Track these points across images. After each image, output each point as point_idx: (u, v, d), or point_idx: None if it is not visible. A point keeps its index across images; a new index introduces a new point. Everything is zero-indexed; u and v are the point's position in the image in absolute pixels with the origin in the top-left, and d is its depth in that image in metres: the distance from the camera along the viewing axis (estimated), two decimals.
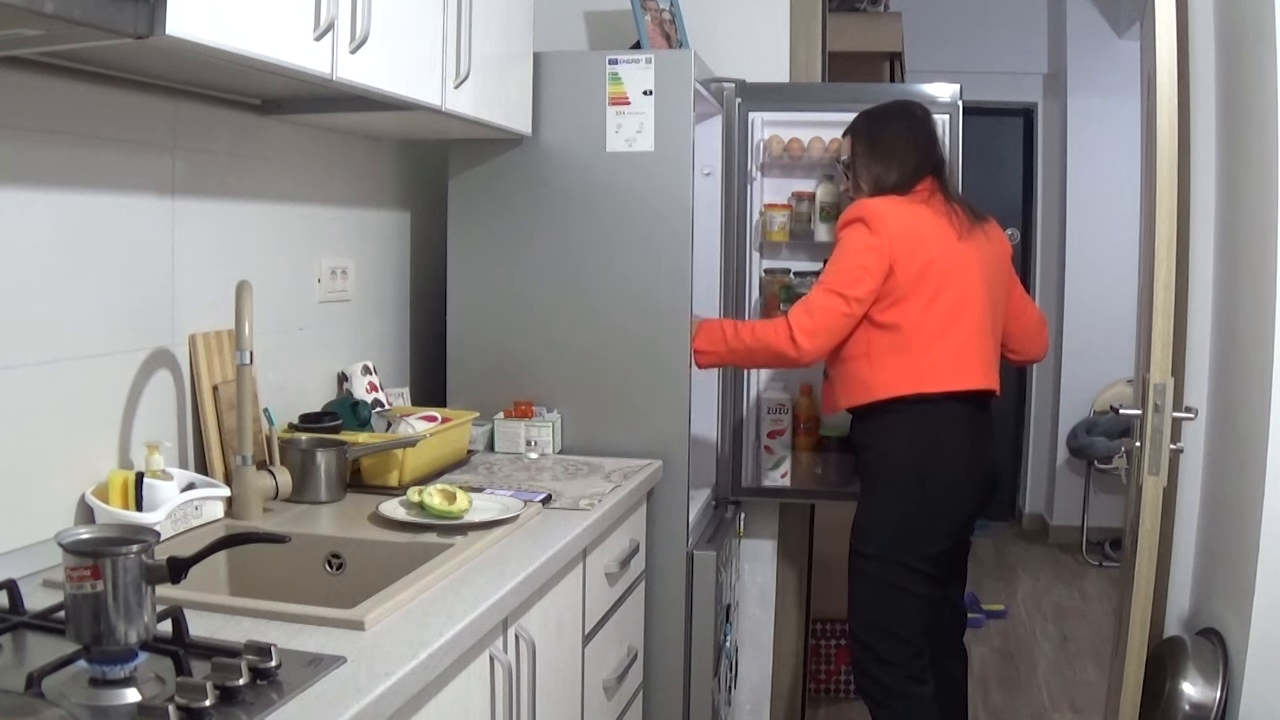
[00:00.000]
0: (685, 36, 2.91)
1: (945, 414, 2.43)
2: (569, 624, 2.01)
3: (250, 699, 1.18)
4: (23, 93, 1.58)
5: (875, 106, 2.63)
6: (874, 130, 2.59)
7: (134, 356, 1.84)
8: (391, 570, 1.66)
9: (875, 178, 2.55)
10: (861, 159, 2.58)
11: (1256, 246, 2.34)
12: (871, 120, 2.60)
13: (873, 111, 2.62)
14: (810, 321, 2.41)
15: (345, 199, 2.52)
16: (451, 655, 1.44)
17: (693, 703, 2.61)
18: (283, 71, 1.62)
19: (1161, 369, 2.23)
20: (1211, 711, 2.36)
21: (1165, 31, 2.16)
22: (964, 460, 2.46)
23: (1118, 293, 5.08)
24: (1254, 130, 2.36)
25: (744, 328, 2.50)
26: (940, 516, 2.46)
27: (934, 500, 2.45)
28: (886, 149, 2.56)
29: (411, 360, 2.84)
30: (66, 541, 1.24)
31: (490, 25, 2.28)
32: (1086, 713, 3.56)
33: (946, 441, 2.44)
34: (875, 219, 2.44)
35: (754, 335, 2.47)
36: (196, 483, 1.87)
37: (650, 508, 2.55)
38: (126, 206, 1.81)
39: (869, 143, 2.59)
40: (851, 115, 2.64)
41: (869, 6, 4.22)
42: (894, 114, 2.61)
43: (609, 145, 2.55)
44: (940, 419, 2.43)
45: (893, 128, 2.58)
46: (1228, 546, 2.48)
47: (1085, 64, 5.49)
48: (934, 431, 2.44)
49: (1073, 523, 5.52)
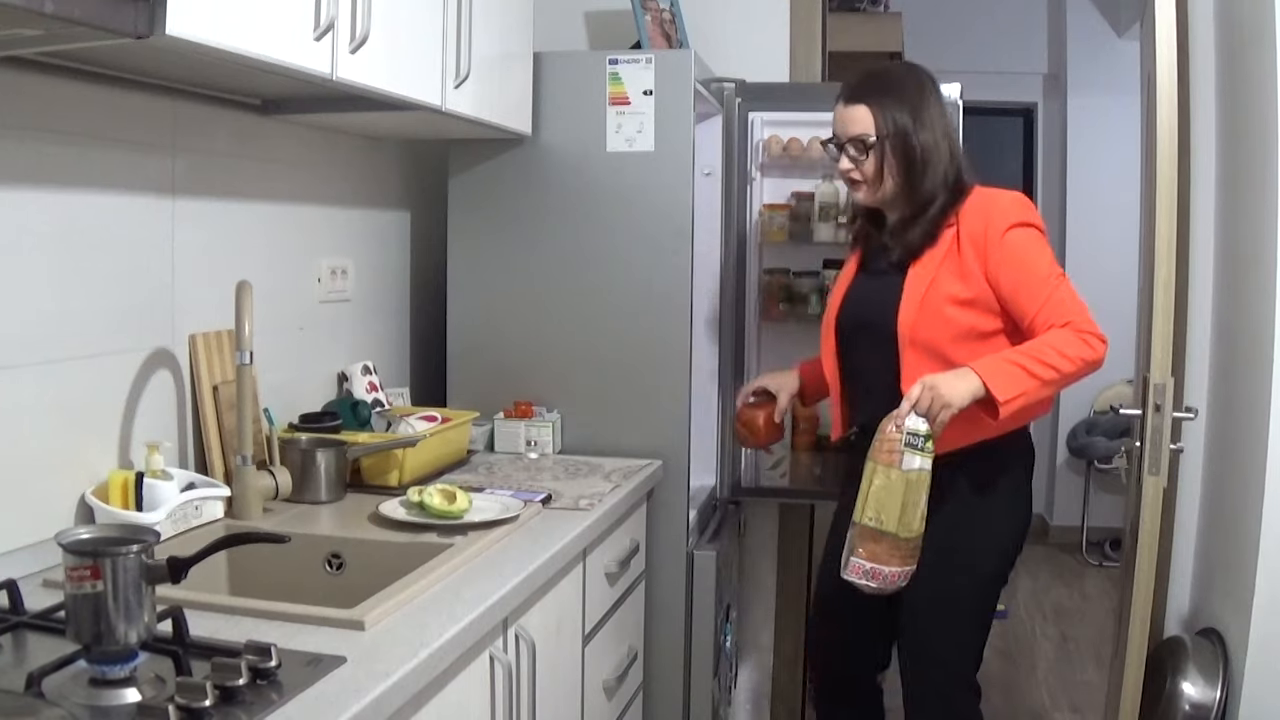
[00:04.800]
0: (685, 36, 2.91)
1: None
2: (569, 624, 2.01)
3: (250, 699, 1.18)
4: (23, 93, 1.58)
5: (882, 68, 2.23)
6: (925, 98, 2.12)
7: (134, 356, 1.84)
8: (391, 570, 1.66)
9: (940, 165, 2.10)
10: (921, 136, 2.08)
11: (1256, 246, 2.35)
12: (919, 80, 2.14)
13: (889, 74, 2.18)
14: (1085, 314, 2.03)
15: (345, 199, 2.52)
16: (451, 655, 1.44)
17: (693, 703, 2.61)
18: (283, 71, 1.62)
19: (1161, 369, 2.23)
20: (1211, 711, 2.36)
21: (1165, 31, 2.17)
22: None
23: (1118, 293, 5.06)
24: (1254, 130, 2.36)
25: (1028, 352, 1.98)
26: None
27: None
28: (946, 127, 2.14)
29: (411, 360, 2.84)
30: (66, 541, 1.24)
31: (490, 25, 2.28)
32: (1086, 713, 3.56)
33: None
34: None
35: (1061, 356, 1.97)
36: (196, 483, 1.87)
37: (650, 508, 2.55)
38: (126, 206, 1.81)
39: (929, 117, 2.10)
40: None
41: (869, 6, 4.23)
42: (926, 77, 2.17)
43: (609, 145, 2.55)
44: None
45: (937, 96, 2.16)
46: (1228, 546, 2.48)
47: (1085, 64, 5.49)
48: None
49: (1073, 523, 5.52)
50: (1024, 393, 1.95)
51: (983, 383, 1.94)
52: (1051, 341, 1.99)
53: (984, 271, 2.05)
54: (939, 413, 1.93)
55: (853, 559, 1.98)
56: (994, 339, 2.07)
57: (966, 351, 2.04)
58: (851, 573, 1.98)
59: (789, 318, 2.90)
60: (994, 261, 2.04)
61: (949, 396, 1.93)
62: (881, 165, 2.10)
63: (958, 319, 2.06)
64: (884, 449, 1.96)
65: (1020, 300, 2.04)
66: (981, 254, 2.05)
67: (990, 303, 2.06)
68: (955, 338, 2.06)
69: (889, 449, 1.95)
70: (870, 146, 2.09)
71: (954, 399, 1.93)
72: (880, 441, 1.97)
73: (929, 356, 2.06)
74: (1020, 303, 2.04)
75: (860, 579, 1.98)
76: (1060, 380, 1.98)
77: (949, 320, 2.06)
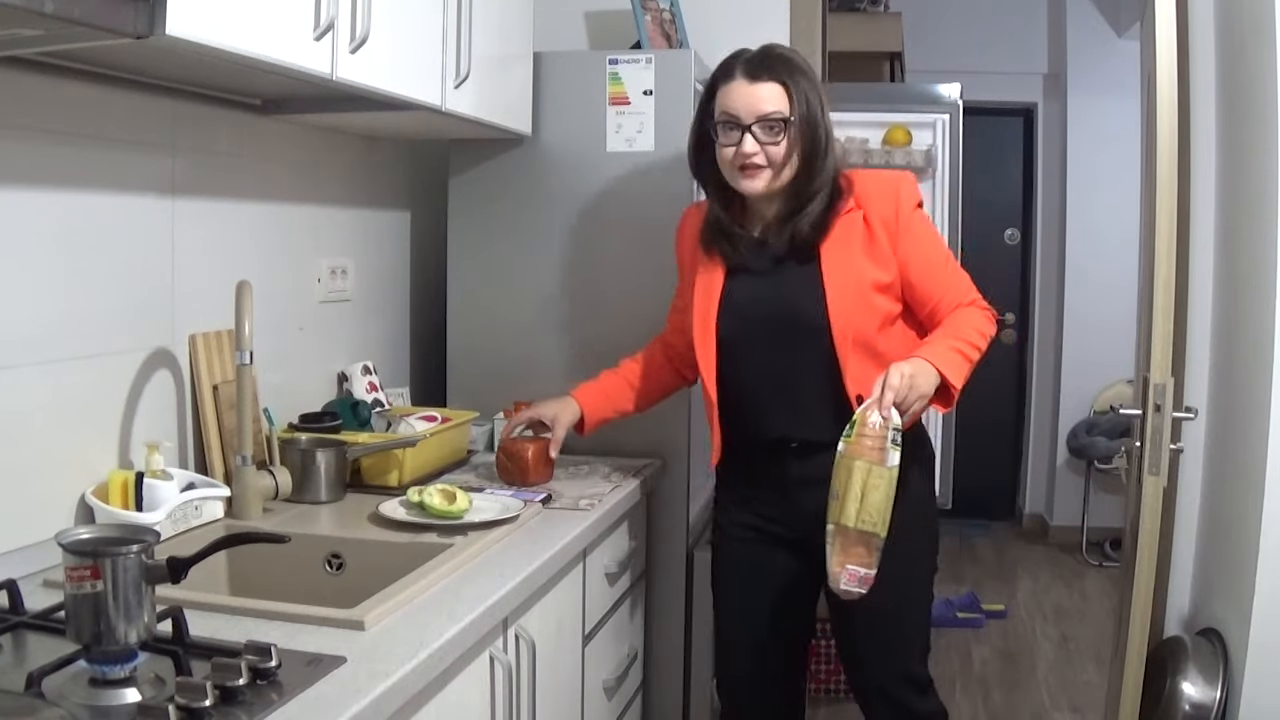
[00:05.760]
0: (685, 36, 2.91)
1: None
2: (569, 624, 2.01)
3: (250, 699, 1.18)
4: (23, 93, 1.58)
5: (778, 46, 2.04)
6: (819, 80, 2.04)
7: (134, 356, 1.84)
8: (391, 570, 1.66)
9: (837, 145, 2.05)
10: (824, 118, 1.99)
11: (1257, 246, 2.35)
12: (810, 63, 2.05)
13: (790, 52, 2.03)
14: (976, 290, 2.04)
15: (345, 199, 2.52)
16: (451, 655, 1.44)
17: (693, 703, 2.61)
18: (283, 71, 1.62)
19: (1161, 369, 2.23)
20: (1211, 711, 2.36)
21: (1165, 31, 2.17)
22: None
23: (1118, 293, 5.08)
24: (1254, 130, 2.36)
25: (958, 336, 1.95)
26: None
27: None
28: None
29: (411, 360, 2.84)
30: (66, 541, 1.24)
31: (490, 25, 2.29)
32: (1086, 713, 3.56)
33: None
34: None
35: (981, 336, 1.97)
36: (196, 483, 1.87)
37: (650, 508, 2.55)
38: (126, 206, 1.81)
39: (826, 101, 2.00)
40: (851, 116, 2.50)
41: (869, 6, 4.23)
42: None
43: (609, 145, 2.55)
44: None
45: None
46: (1228, 546, 2.48)
47: (1085, 64, 5.49)
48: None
49: (1073, 523, 5.52)
50: (966, 378, 1.92)
51: (939, 372, 1.87)
52: (970, 321, 1.97)
53: (894, 254, 1.99)
54: (914, 403, 1.83)
55: (847, 567, 1.82)
56: (897, 324, 2.02)
57: (888, 339, 1.99)
58: (848, 582, 1.82)
59: None
60: (904, 244, 1.99)
61: (924, 386, 1.84)
62: (791, 149, 1.95)
63: (880, 305, 1.99)
64: (873, 446, 1.80)
65: (928, 283, 2.00)
66: (893, 236, 1.99)
67: (898, 287, 2.01)
68: (879, 326, 1.98)
69: (878, 446, 1.80)
70: (788, 126, 1.93)
71: (927, 388, 1.85)
72: (865, 436, 1.81)
73: (861, 348, 1.97)
74: (928, 285, 2.00)
75: (856, 586, 1.83)
76: (980, 359, 1.96)
77: (874, 307, 1.98)
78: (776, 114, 1.94)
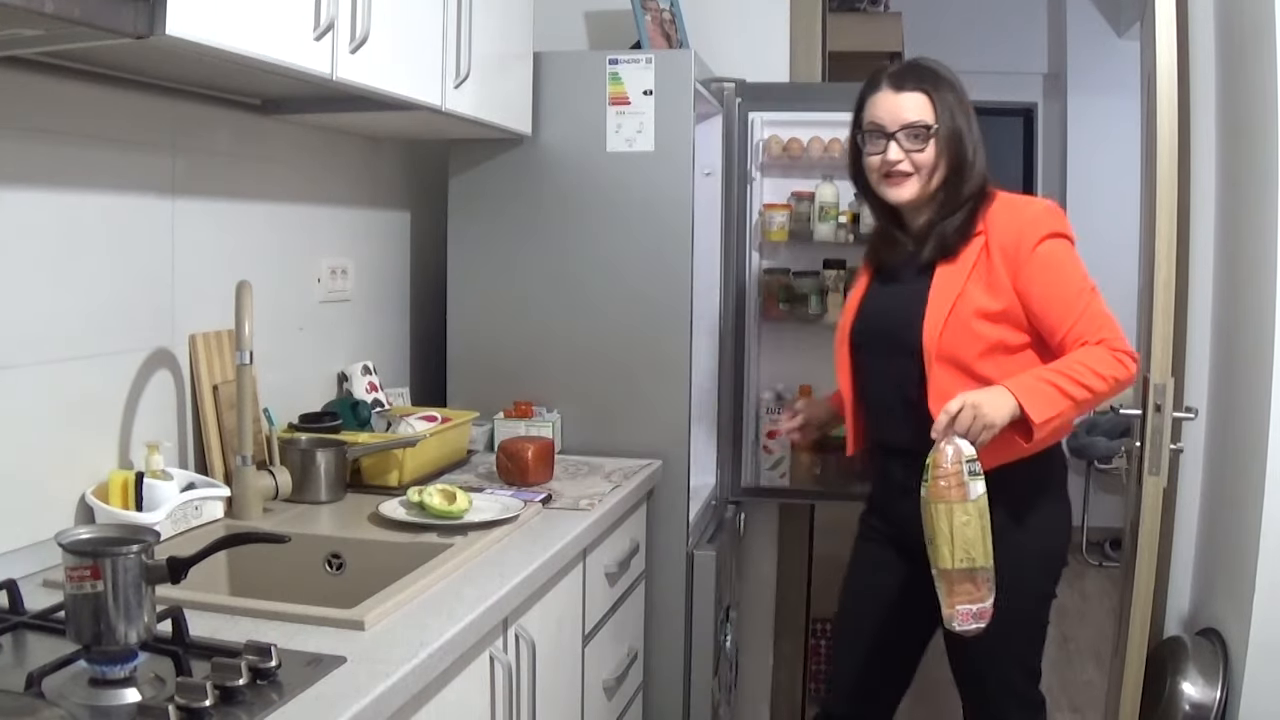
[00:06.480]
0: (685, 36, 2.91)
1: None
2: (569, 624, 2.01)
3: (250, 699, 1.18)
4: (23, 93, 1.58)
5: (925, 60, 2.08)
6: (966, 95, 2.05)
7: (134, 356, 1.84)
8: (391, 570, 1.66)
9: (981, 163, 2.04)
10: (970, 129, 2.01)
11: (1257, 246, 2.35)
12: (957, 78, 2.05)
13: (935, 64, 2.05)
14: (1118, 331, 1.97)
15: (345, 199, 2.52)
16: (451, 655, 1.44)
17: (693, 703, 2.61)
18: (283, 71, 1.62)
19: (1161, 369, 2.23)
20: (1211, 711, 2.36)
21: (1165, 31, 2.17)
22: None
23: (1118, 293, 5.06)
24: (1254, 130, 2.36)
25: (1061, 371, 1.90)
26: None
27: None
28: (979, 128, 2.06)
29: (411, 360, 2.84)
30: (66, 541, 1.24)
31: (490, 25, 2.28)
32: (1086, 713, 3.56)
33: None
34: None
35: (1095, 376, 1.89)
36: (196, 483, 1.87)
37: (650, 508, 2.55)
38: (126, 206, 1.81)
39: (973, 115, 2.02)
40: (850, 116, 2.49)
41: (869, 6, 4.23)
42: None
43: (609, 145, 2.55)
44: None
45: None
46: (1228, 546, 2.48)
47: (1085, 64, 5.49)
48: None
49: (1073, 523, 5.52)
50: (1059, 414, 1.85)
51: (1018, 403, 1.83)
52: (1085, 360, 1.89)
53: (1014, 284, 1.95)
54: (980, 434, 1.81)
55: (958, 608, 1.82)
56: (1021, 353, 1.98)
57: (993, 366, 1.94)
58: (961, 622, 1.83)
59: (789, 318, 2.90)
60: (1025, 274, 1.94)
61: (992, 416, 1.81)
62: (937, 157, 1.98)
63: (986, 333, 1.95)
64: (950, 485, 1.80)
65: (1052, 316, 1.95)
66: (1013, 266, 1.95)
67: (1019, 317, 1.96)
68: (983, 352, 1.95)
69: (956, 483, 1.80)
70: (932, 134, 1.97)
71: (997, 419, 1.82)
72: (939, 478, 1.80)
73: (956, 371, 1.95)
74: (1051, 318, 1.95)
75: (971, 624, 1.84)
76: (1092, 400, 1.89)
77: (976, 334, 1.95)
78: (920, 122, 1.97)
